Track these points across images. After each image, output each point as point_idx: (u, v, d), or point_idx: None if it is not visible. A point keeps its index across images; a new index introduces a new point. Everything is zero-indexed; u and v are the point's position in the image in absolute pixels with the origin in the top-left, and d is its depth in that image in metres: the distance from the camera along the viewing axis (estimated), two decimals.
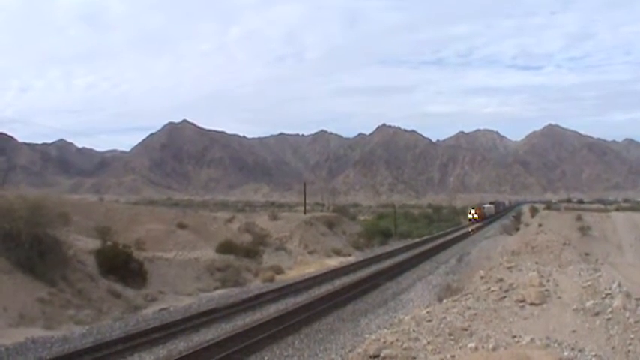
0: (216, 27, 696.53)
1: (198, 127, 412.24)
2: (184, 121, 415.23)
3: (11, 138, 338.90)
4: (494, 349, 10.04)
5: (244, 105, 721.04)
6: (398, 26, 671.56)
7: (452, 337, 11.13)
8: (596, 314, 11.66)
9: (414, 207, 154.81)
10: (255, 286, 30.49)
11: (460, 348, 10.46)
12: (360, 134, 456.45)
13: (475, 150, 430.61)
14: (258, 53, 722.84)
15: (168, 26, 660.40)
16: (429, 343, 10.90)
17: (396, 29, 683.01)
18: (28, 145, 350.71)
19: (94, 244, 27.90)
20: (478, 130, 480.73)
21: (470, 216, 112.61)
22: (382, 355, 10.54)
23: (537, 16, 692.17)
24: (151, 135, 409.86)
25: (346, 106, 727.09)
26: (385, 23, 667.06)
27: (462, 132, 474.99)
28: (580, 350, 9.91)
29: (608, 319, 11.30)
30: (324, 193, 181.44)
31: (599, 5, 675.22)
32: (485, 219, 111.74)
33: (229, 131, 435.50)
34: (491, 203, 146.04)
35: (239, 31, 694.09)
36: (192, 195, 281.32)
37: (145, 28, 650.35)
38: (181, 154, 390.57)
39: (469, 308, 13.24)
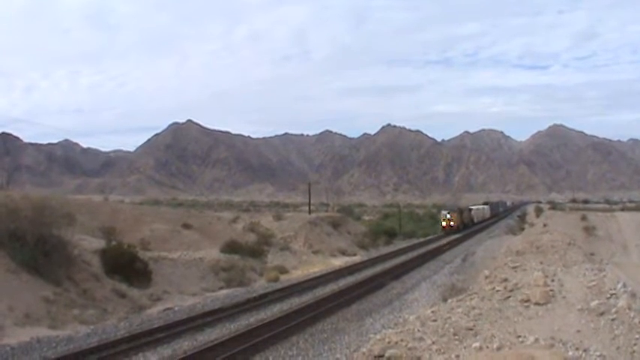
0: (222, 27, 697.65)
1: (203, 127, 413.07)
2: (189, 120, 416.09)
3: (17, 138, 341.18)
4: (498, 349, 10.03)
5: (249, 105, 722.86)
6: (405, 26, 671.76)
7: (456, 337, 11.12)
8: (601, 314, 11.63)
9: (419, 207, 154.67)
10: (260, 286, 30.50)
11: (465, 348, 10.45)
12: (364, 134, 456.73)
13: (480, 150, 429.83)
14: (264, 53, 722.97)
15: (175, 26, 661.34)
16: (433, 343, 10.90)
17: (403, 29, 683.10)
18: (34, 145, 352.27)
19: (99, 243, 27.98)
20: (483, 130, 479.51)
21: (443, 223, 75.84)
22: (387, 355, 10.53)
23: (544, 15, 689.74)
24: (156, 135, 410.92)
25: (351, 106, 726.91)
26: (392, 23, 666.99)
27: (467, 132, 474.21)
28: (585, 350, 9.88)
29: (613, 319, 11.27)
30: (328, 193, 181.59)
31: (606, 4, 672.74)
32: (470, 226, 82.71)
33: (234, 131, 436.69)
34: (485, 203, 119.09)
35: (245, 30, 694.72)
36: (196, 195, 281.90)
37: (151, 28, 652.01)
38: (186, 154, 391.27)
39: (474, 308, 13.22)
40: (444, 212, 78.80)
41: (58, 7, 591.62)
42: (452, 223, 74.41)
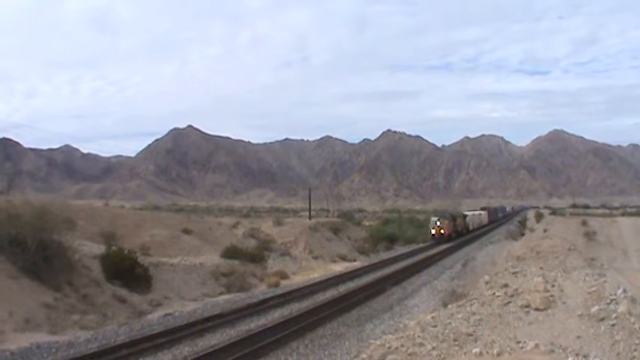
0: (224, 32, 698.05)
1: (204, 133, 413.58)
2: (189, 126, 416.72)
3: (17, 143, 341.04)
4: (498, 354, 10.03)
5: (250, 110, 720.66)
6: (406, 31, 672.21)
7: (457, 343, 11.13)
8: (602, 320, 11.63)
9: (420, 212, 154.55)
10: (260, 291, 30.46)
11: (465, 354, 10.45)
12: (365, 139, 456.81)
13: (480, 155, 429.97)
14: (266, 58, 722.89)
15: (176, 31, 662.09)
16: (433, 348, 10.90)
17: (405, 34, 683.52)
18: (34, 150, 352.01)
19: (99, 249, 27.93)
20: (483, 135, 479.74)
21: (432, 231, 67.51)
22: None
23: (545, 20, 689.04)
24: (157, 140, 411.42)
25: (351, 112, 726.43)
26: (393, 28, 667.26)
27: (467, 137, 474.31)
28: (585, 356, 9.89)
29: (614, 325, 11.27)
30: (329, 199, 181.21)
31: (606, 9, 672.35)
32: (464, 234, 75.21)
33: (234, 136, 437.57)
34: (483, 209, 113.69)
35: (247, 36, 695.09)
36: (197, 200, 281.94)
37: (152, 32, 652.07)
38: (186, 159, 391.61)
39: (474, 314, 13.23)
40: (433, 219, 70.00)
41: (59, 11, 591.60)
42: (442, 231, 66.51)
